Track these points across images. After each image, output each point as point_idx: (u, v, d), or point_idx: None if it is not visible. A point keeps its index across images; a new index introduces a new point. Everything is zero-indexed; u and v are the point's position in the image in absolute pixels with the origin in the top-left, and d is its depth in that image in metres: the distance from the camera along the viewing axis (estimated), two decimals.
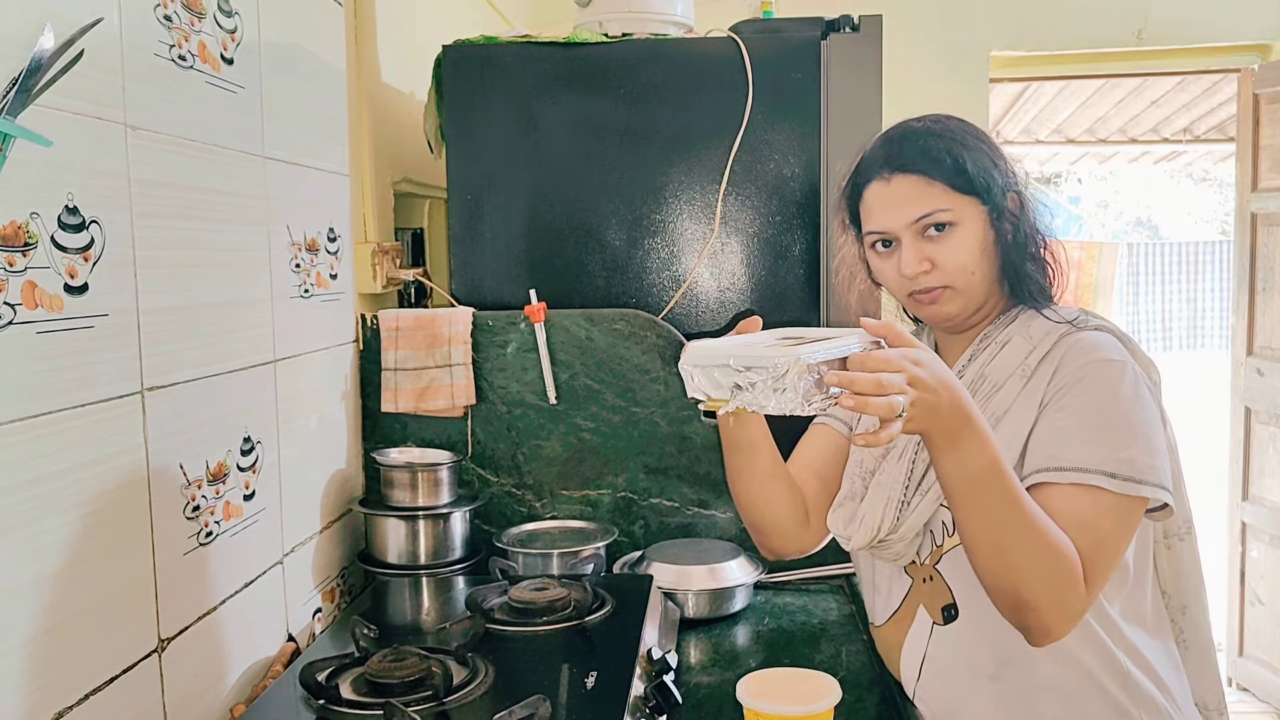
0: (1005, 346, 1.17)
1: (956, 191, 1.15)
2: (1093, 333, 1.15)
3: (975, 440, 1.00)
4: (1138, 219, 13.30)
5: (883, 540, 1.19)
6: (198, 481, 1.17)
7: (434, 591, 1.54)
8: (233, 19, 1.25)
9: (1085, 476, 1.05)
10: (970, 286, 1.17)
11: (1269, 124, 3.40)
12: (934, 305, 1.18)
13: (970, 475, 1.01)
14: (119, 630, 1.02)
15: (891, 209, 1.17)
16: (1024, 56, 3.36)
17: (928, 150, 1.16)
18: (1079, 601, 1.04)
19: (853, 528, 1.23)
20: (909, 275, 1.16)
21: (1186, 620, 1.22)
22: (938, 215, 1.14)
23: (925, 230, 1.15)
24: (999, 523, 1.02)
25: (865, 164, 1.22)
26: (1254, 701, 3.54)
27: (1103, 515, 1.05)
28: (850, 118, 1.71)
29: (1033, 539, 1.01)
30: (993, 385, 1.15)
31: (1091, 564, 1.04)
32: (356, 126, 1.70)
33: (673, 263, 1.77)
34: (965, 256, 1.15)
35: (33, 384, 0.89)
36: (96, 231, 0.97)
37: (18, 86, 0.84)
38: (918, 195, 1.15)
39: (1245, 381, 3.54)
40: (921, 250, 1.15)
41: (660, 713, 1.15)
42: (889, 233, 1.18)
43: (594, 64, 1.75)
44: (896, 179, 1.17)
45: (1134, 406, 1.08)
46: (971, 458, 1.00)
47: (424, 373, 1.69)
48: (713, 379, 0.99)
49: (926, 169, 1.15)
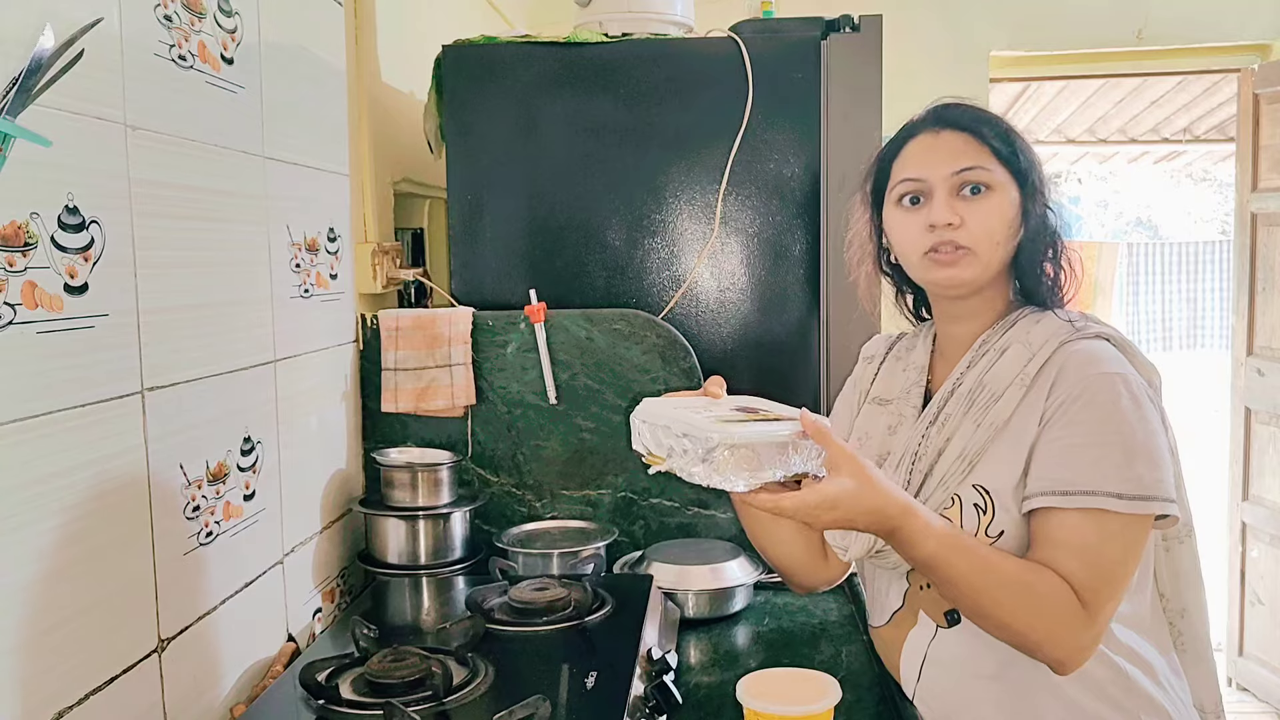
0: (1004, 354, 1.16)
1: (1000, 161, 1.15)
2: (1091, 341, 1.13)
3: (913, 533, 1.04)
4: (1138, 219, 13.30)
5: (880, 551, 1.19)
6: (198, 481, 1.17)
7: (434, 591, 1.54)
8: (233, 19, 1.25)
9: (1092, 500, 1.04)
10: (991, 258, 1.15)
11: (1269, 124, 3.40)
12: (952, 268, 1.15)
13: (922, 560, 1.05)
14: (119, 630, 1.02)
15: (934, 158, 1.16)
16: (1024, 56, 3.36)
17: (981, 117, 1.18)
18: (1085, 632, 1.04)
19: (849, 539, 1.23)
20: (937, 224, 1.14)
21: (1185, 623, 1.22)
22: (979, 173, 1.14)
23: (961, 188, 1.14)
24: (972, 588, 1.05)
25: (912, 124, 1.22)
26: (1254, 701, 3.54)
27: (1109, 540, 1.05)
28: (850, 118, 1.71)
29: (1013, 594, 1.04)
30: (991, 394, 1.14)
31: (1095, 591, 1.04)
32: (356, 126, 1.70)
33: (673, 263, 1.77)
34: (995, 222, 1.14)
35: (33, 384, 0.89)
36: (96, 231, 0.97)
37: (18, 86, 0.84)
38: (965, 149, 1.15)
39: (1245, 381, 3.54)
40: (954, 204, 1.14)
41: (660, 713, 1.15)
42: (925, 181, 1.16)
43: (594, 64, 1.75)
44: (946, 133, 1.17)
45: (1136, 420, 1.07)
46: (917, 548, 1.04)
47: (424, 373, 1.69)
48: (655, 437, 1.05)
49: (978, 130, 1.16)
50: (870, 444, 1.27)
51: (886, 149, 1.25)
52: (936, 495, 1.14)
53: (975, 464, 1.13)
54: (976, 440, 1.13)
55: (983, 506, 1.11)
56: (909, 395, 1.25)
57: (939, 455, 1.15)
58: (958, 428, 1.15)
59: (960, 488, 1.13)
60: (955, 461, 1.13)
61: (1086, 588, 1.04)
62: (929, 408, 1.19)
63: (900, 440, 1.22)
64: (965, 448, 1.13)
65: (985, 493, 1.11)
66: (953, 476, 1.14)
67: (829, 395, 1.73)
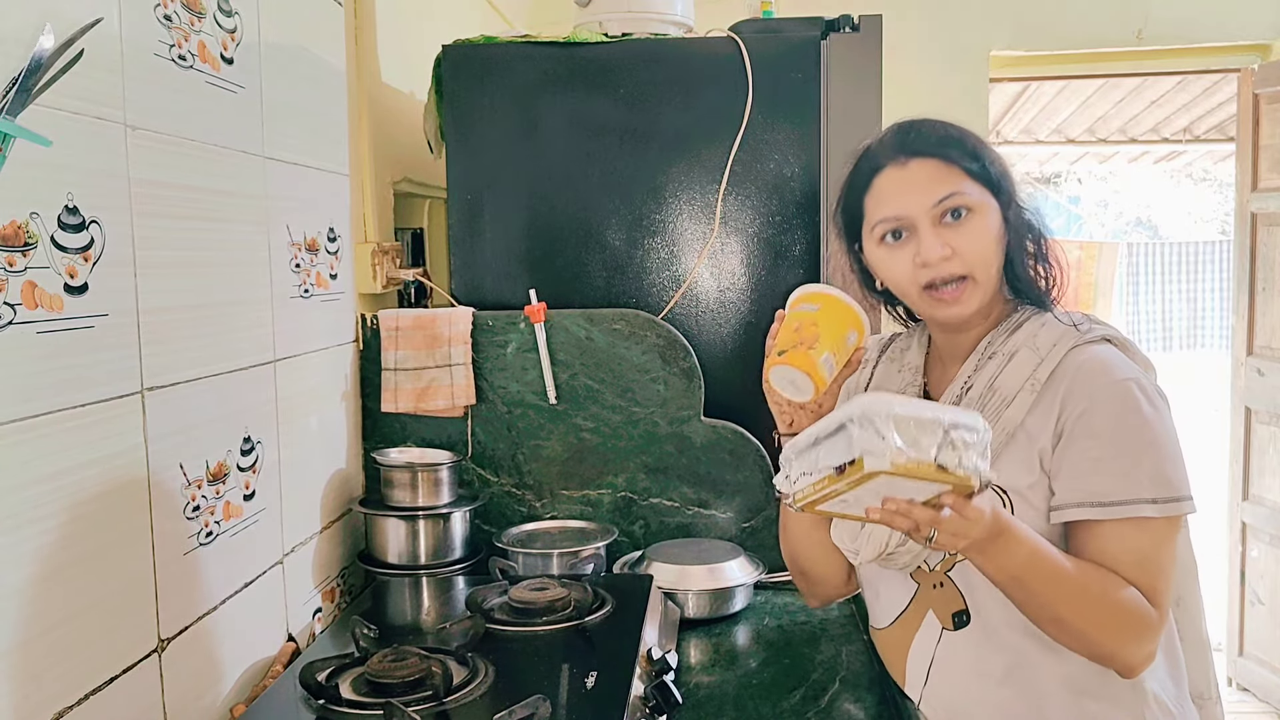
0: (1013, 358, 1.15)
1: (973, 180, 1.13)
2: (1098, 347, 1.13)
3: (1011, 543, 1.01)
4: (1138, 219, 13.29)
5: (891, 554, 1.19)
6: (198, 481, 1.17)
7: (434, 591, 1.54)
8: (233, 19, 1.25)
9: (1131, 509, 1.06)
10: (988, 279, 1.14)
11: (1269, 124, 3.40)
12: (956, 305, 1.13)
13: (1012, 573, 1.03)
14: (119, 630, 1.02)
15: (909, 192, 1.13)
16: (1024, 56, 3.36)
17: (946, 137, 1.15)
18: (1153, 636, 1.06)
19: (860, 542, 1.23)
20: (931, 262, 1.11)
21: (1181, 612, 1.22)
22: (958, 199, 1.11)
23: (943, 216, 1.12)
24: (1052, 600, 1.05)
25: (875, 151, 1.18)
26: (1254, 701, 3.53)
27: (1158, 544, 1.07)
28: (850, 118, 1.71)
29: (1090, 602, 1.05)
30: (1002, 400, 1.13)
31: (1156, 593, 1.06)
32: (356, 126, 1.70)
33: (673, 263, 1.77)
34: (985, 242, 1.12)
35: (33, 384, 0.89)
36: (96, 231, 0.97)
37: (18, 86, 0.84)
38: (938, 177, 1.12)
39: (1245, 381, 3.54)
40: (941, 236, 1.12)
41: (660, 713, 1.15)
42: (904, 218, 1.13)
43: (594, 64, 1.75)
44: (914, 163, 1.14)
45: (1157, 422, 1.08)
46: (1010, 559, 1.02)
47: (424, 373, 1.69)
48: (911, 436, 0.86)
49: (945, 153, 1.13)
50: None
51: (853, 179, 1.21)
52: None
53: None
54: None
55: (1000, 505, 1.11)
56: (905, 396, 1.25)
57: None
58: None
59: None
60: None
61: (1153, 593, 1.06)
62: None
63: None
64: None
65: (1003, 492, 1.11)
66: None
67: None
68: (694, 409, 1.70)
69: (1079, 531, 1.09)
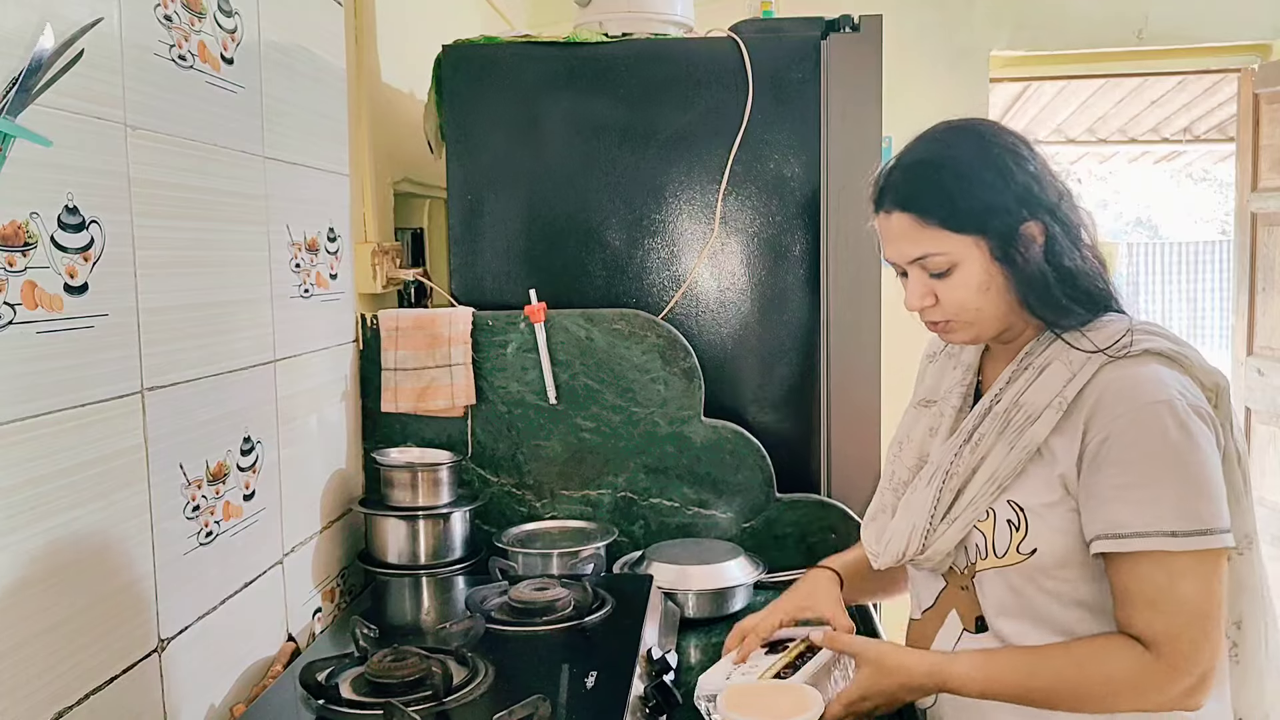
0: (1044, 372, 1.12)
1: (952, 231, 1.11)
2: (1135, 365, 1.07)
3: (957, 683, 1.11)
4: (1138, 219, 13.30)
5: (912, 561, 1.20)
6: (198, 481, 1.17)
7: (434, 591, 1.54)
8: (233, 19, 1.25)
9: (1144, 542, 1.02)
10: (979, 319, 1.14)
11: (1269, 124, 3.40)
12: (946, 335, 1.19)
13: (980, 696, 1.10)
14: (119, 630, 1.02)
15: (892, 243, 1.16)
16: (1024, 56, 3.36)
17: (922, 187, 1.12)
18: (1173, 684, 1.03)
19: (879, 547, 1.24)
20: (912, 308, 1.17)
21: (1240, 634, 1.17)
22: (931, 260, 1.12)
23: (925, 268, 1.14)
24: (1031, 702, 1.09)
25: (875, 190, 1.19)
26: None
27: (1178, 580, 1.02)
28: (850, 118, 1.71)
29: (1070, 691, 1.06)
30: (1027, 416, 1.11)
31: (1176, 638, 1.02)
32: (356, 126, 1.70)
33: (673, 263, 1.77)
34: (964, 295, 1.12)
35: (33, 384, 0.89)
36: (96, 231, 0.97)
37: (18, 86, 0.84)
38: (912, 236, 1.13)
39: (1245, 381, 3.54)
40: (925, 284, 1.14)
41: (660, 713, 1.15)
42: (896, 264, 1.18)
43: (594, 64, 1.75)
44: (894, 215, 1.14)
45: (1187, 450, 1.03)
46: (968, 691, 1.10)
47: (424, 373, 1.69)
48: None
49: (918, 209, 1.12)
50: (910, 447, 1.27)
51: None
52: (966, 514, 1.14)
53: (1006, 486, 1.12)
54: (1009, 463, 1.11)
55: (1015, 523, 1.10)
56: (950, 395, 1.24)
57: (972, 474, 1.14)
58: (991, 448, 1.13)
59: (995, 503, 1.12)
60: (986, 484, 1.13)
61: (1168, 636, 1.02)
62: (964, 424, 1.18)
63: (936, 448, 1.22)
64: (996, 470, 1.12)
65: (1019, 509, 1.10)
66: (983, 497, 1.13)
67: (829, 395, 1.73)
68: (694, 409, 1.70)
69: (1109, 569, 1.06)
